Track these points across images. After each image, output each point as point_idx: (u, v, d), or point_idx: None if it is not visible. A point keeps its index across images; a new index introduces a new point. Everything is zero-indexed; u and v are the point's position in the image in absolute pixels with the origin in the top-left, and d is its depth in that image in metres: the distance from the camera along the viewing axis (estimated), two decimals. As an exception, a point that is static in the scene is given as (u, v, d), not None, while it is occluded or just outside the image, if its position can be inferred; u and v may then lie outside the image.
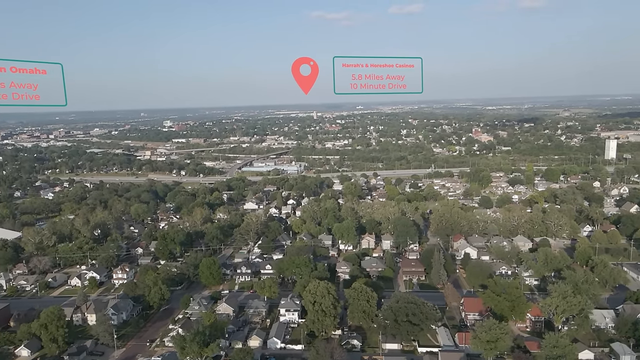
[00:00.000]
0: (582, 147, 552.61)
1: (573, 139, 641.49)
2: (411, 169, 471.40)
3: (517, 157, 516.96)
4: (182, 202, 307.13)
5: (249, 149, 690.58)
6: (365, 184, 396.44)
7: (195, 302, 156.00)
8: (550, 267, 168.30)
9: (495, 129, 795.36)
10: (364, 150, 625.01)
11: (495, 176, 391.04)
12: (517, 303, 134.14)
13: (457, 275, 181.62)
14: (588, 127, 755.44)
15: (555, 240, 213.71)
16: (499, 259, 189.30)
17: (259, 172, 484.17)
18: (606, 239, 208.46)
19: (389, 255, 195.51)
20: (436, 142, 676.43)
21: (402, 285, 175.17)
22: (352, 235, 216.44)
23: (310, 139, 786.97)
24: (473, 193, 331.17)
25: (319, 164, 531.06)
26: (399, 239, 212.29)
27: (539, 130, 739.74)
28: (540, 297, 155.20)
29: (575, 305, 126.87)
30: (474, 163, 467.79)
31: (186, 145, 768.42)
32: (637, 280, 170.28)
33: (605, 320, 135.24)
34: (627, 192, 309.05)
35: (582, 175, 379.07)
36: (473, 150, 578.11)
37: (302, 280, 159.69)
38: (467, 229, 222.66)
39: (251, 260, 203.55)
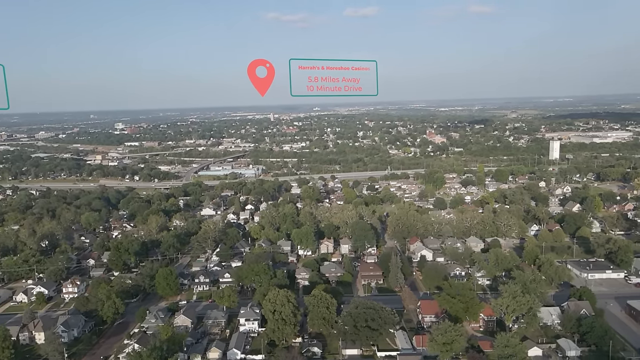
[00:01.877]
0: (529, 147, 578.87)
1: (520, 140, 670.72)
2: (368, 171, 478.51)
3: (468, 158, 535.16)
4: (136, 209, 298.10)
5: (206, 152, 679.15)
6: (323, 186, 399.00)
7: (151, 314, 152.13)
8: (501, 267, 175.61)
9: (448, 131, 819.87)
10: (322, 152, 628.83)
11: (448, 177, 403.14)
12: (471, 304, 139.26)
13: (414, 278, 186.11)
14: (534, 128, 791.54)
15: (505, 240, 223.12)
16: (453, 260, 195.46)
17: (216, 176, 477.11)
18: (551, 237, 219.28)
19: (348, 260, 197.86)
20: (392, 143, 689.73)
21: (360, 290, 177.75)
22: (310, 241, 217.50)
23: (268, 142, 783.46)
24: (428, 194, 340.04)
25: (277, 167, 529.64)
26: (357, 243, 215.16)
27: (489, 132, 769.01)
28: (492, 296, 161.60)
29: (524, 305, 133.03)
30: (428, 164, 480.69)
31: (139, 149, 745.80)
32: (580, 277, 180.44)
33: (551, 317, 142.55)
34: (570, 192, 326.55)
35: (529, 175, 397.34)
36: (427, 152, 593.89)
37: (262, 288, 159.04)
38: (422, 231, 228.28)
39: (209, 269, 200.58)
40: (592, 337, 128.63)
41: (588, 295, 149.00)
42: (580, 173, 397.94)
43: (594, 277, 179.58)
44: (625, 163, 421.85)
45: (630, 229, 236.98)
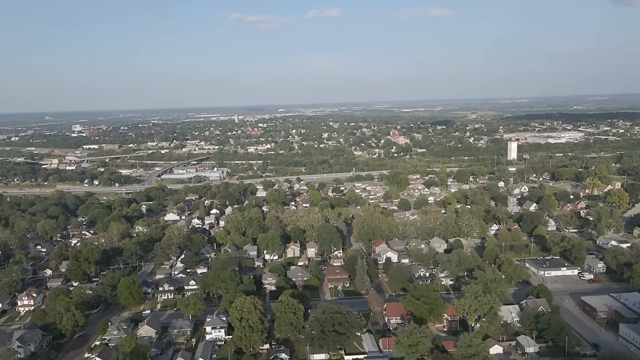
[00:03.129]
0: (488, 148, 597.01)
1: (480, 140, 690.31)
2: (333, 172, 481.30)
3: (431, 158, 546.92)
4: (96, 215, 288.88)
5: (169, 154, 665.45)
6: (288, 189, 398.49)
7: (113, 326, 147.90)
8: (463, 267, 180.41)
9: (411, 132, 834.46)
10: (287, 154, 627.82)
11: (412, 178, 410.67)
12: (435, 305, 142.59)
13: (379, 280, 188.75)
14: (492, 129, 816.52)
15: (467, 240, 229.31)
16: (417, 261, 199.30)
17: (180, 180, 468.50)
18: (510, 236, 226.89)
19: (314, 264, 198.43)
20: (356, 145, 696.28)
21: (327, 293, 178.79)
22: (277, 245, 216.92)
23: (232, 144, 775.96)
24: (392, 196, 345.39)
25: (242, 170, 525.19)
26: (323, 247, 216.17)
27: (450, 133, 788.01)
28: (455, 296, 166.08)
29: (486, 304, 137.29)
30: (393, 165, 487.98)
31: (99, 152, 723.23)
32: (538, 275, 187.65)
33: (511, 315, 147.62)
34: (527, 191, 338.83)
35: (489, 175, 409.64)
36: (391, 153, 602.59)
37: (228, 295, 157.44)
38: (387, 233, 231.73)
39: (174, 276, 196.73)
40: (549, 334, 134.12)
41: (545, 292, 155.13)
42: (537, 173, 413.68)
43: (550, 274, 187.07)
44: (578, 163, 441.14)
45: (583, 226, 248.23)
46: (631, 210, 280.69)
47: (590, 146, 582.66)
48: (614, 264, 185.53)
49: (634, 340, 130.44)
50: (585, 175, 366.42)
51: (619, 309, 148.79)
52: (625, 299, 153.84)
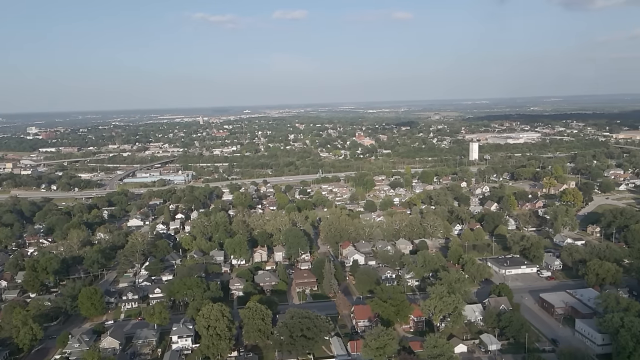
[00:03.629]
0: (451, 149, 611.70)
1: (443, 141, 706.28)
2: (300, 174, 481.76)
3: (396, 159, 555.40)
4: (54, 222, 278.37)
5: (131, 158, 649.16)
6: (255, 192, 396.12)
7: (74, 338, 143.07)
8: (429, 268, 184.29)
9: (376, 133, 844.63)
10: (253, 156, 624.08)
11: (378, 180, 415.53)
12: (402, 307, 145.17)
13: (347, 283, 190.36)
14: (455, 130, 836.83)
15: (432, 241, 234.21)
16: (384, 263, 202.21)
17: (143, 184, 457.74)
18: (473, 236, 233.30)
19: (282, 268, 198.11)
20: (322, 146, 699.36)
21: (295, 298, 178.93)
22: (244, 250, 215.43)
23: (197, 146, 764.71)
24: (358, 197, 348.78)
25: (208, 173, 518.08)
26: (290, 250, 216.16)
27: (415, 134, 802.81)
28: (421, 297, 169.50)
29: (450, 304, 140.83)
30: (358, 167, 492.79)
31: (57, 155, 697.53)
32: (499, 274, 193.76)
33: (475, 314, 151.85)
34: (488, 191, 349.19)
35: (452, 176, 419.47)
36: (357, 154, 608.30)
37: (195, 303, 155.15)
38: (354, 236, 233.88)
39: (138, 285, 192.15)
40: (511, 331, 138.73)
41: (506, 291, 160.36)
42: (497, 173, 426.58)
43: (511, 272, 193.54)
44: (535, 163, 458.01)
45: (541, 225, 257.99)
46: (585, 209, 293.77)
47: (547, 146, 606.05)
48: (569, 261, 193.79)
49: (589, 335, 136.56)
50: (542, 175, 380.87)
51: (575, 305, 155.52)
52: (581, 295, 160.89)
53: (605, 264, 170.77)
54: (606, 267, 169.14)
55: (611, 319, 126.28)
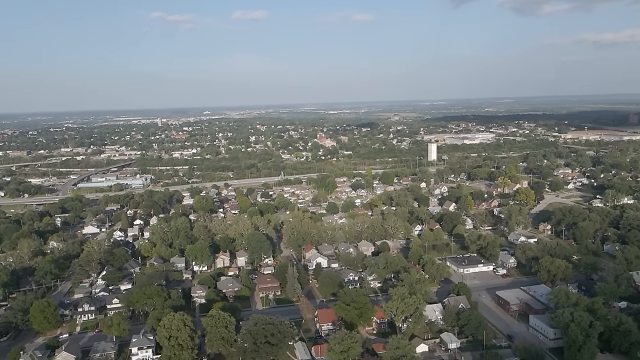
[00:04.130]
0: (410, 149, 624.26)
1: (403, 142, 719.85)
2: (262, 177, 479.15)
3: (357, 160, 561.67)
4: (2, 231, 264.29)
5: (85, 161, 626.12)
6: (216, 195, 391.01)
7: (26, 355, 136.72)
8: (390, 269, 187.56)
9: (337, 134, 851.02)
10: (214, 159, 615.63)
11: (339, 181, 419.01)
12: (364, 310, 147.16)
13: (310, 286, 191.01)
14: (414, 131, 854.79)
15: (393, 242, 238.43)
16: (347, 265, 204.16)
17: (99, 189, 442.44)
18: (433, 236, 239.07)
19: (245, 273, 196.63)
20: (284, 148, 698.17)
21: (259, 303, 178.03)
22: (206, 256, 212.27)
23: (156, 149, 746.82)
24: (321, 199, 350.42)
25: (167, 176, 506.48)
26: (253, 255, 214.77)
27: (375, 135, 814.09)
28: (383, 298, 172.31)
29: (412, 305, 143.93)
30: (320, 169, 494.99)
31: (4, 159, 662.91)
32: (458, 273, 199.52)
33: (435, 313, 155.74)
34: (447, 191, 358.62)
35: (412, 177, 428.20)
36: (319, 156, 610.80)
37: (156, 312, 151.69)
38: (317, 238, 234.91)
39: (95, 295, 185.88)
40: (469, 329, 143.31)
41: (464, 290, 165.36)
42: (454, 173, 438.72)
43: (469, 271, 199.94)
44: (490, 163, 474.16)
45: (496, 224, 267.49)
46: (537, 207, 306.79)
47: (501, 146, 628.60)
48: (523, 258, 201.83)
49: (542, 330, 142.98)
50: (497, 174, 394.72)
51: (528, 301, 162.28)
52: (534, 292, 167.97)
53: (556, 261, 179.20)
54: (557, 263, 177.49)
55: (562, 314, 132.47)
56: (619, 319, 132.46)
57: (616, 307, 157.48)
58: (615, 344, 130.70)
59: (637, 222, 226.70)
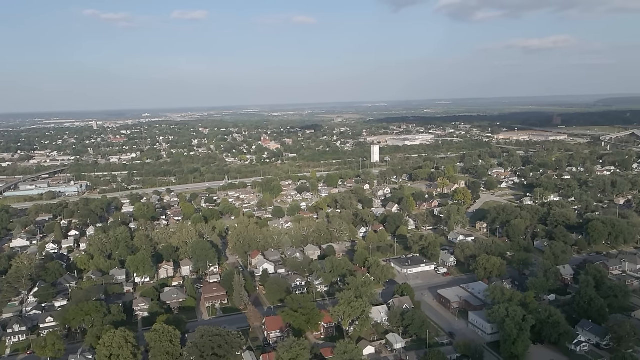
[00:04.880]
0: (354, 151, 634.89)
1: (346, 144, 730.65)
2: (205, 181, 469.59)
3: (302, 163, 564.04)
4: None
5: (12, 168, 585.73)
6: (158, 202, 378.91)
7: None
8: (337, 273, 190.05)
9: (281, 136, 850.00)
10: (155, 163, 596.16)
11: (284, 185, 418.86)
12: (312, 315, 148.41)
13: (257, 293, 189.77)
14: (357, 133, 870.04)
15: (338, 245, 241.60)
16: (293, 271, 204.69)
17: (29, 197, 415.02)
18: (377, 238, 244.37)
19: (190, 283, 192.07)
20: (228, 151, 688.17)
21: (205, 313, 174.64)
22: (148, 267, 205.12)
23: (92, 153, 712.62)
24: (266, 204, 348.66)
25: (104, 183, 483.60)
26: (198, 264, 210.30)
27: (319, 137, 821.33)
28: (330, 302, 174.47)
29: (358, 309, 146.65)
30: (265, 172, 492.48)
31: None
32: (402, 273, 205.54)
33: (380, 315, 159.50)
34: (390, 193, 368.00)
35: (356, 179, 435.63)
36: (263, 159, 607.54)
37: (94, 329, 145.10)
38: (263, 244, 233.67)
39: (26, 314, 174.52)
40: (413, 329, 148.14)
41: (408, 290, 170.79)
42: (397, 175, 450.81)
43: (412, 271, 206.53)
44: (430, 164, 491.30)
45: (437, 224, 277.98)
46: (473, 206, 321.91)
47: (440, 147, 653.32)
48: (462, 257, 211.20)
49: (480, 326, 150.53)
50: (437, 175, 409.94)
51: (468, 298, 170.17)
52: (472, 289, 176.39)
53: (492, 259, 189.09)
54: (492, 261, 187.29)
55: (498, 310, 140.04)
56: (548, 312, 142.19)
57: (546, 300, 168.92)
58: (546, 335, 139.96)
59: (562, 218, 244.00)
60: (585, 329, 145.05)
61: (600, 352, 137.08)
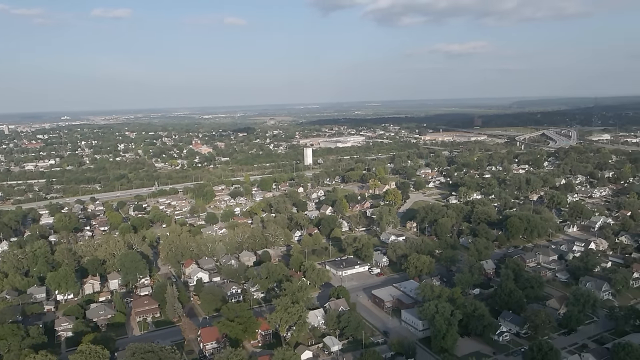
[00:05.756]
0: (287, 154, 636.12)
1: (280, 147, 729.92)
2: (134, 188, 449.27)
3: (235, 167, 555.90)
4: None
5: None
6: (82, 211, 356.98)
7: None
8: (272, 279, 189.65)
9: (213, 140, 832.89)
10: (77, 170, 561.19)
11: (217, 190, 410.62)
12: (249, 324, 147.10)
13: (192, 304, 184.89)
14: (290, 135, 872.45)
15: (274, 250, 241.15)
16: (229, 278, 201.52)
17: None
18: (312, 241, 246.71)
19: (118, 297, 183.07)
20: (157, 156, 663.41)
21: (136, 328, 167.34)
22: (71, 282, 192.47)
23: (3, 160, 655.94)
24: (199, 210, 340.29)
25: (19, 192, 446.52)
26: (127, 276, 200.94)
27: (252, 140, 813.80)
28: (267, 308, 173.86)
29: (295, 314, 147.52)
30: (197, 177, 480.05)
31: None
32: (337, 276, 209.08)
33: (317, 318, 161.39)
34: (323, 195, 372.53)
35: (290, 182, 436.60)
36: (195, 163, 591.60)
37: (11, 355, 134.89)
38: (197, 252, 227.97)
39: None
40: (349, 330, 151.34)
41: (343, 292, 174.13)
42: (330, 177, 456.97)
43: (347, 273, 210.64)
44: (362, 165, 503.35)
45: (369, 225, 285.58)
46: (404, 206, 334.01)
47: (370, 149, 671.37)
48: (394, 256, 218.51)
49: (412, 323, 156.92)
50: (368, 177, 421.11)
51: (400, 297, 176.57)
52: (404, 287, 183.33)
53: (422, 257, 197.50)
54: (422, 259, 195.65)
55: (428, 307, 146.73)
56: (474, 306, 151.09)
57: (471, 294, 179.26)
58: (472, 328, 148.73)
59: (484, 216, 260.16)
60: (506, 320, 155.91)
61: (520, 340, 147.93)
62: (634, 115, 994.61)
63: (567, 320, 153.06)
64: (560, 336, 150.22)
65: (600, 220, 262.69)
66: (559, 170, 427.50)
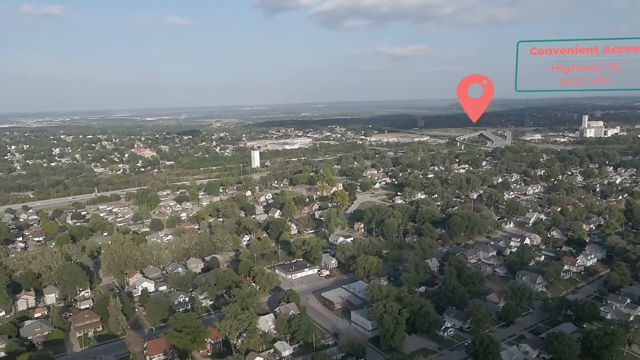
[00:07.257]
0: (234, 157, 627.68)
1: (226, 149, 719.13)
2: (71, 195, 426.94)
3: (180, 171, 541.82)
4: None
5: None
6: (13, 221, 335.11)
7: None
8: (221, 286, 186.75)
9: (157, 143, 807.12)
10: (6, 177, 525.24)
11: (162, 195, 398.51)
12: (197, 334, 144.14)
13: (137, 315, 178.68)
14: (237, 138, 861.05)
15: (222, 256, 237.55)
16: (176, 287, 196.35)
17: None
18: (261, 245, 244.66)
19: (56, 312, 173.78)
20: (97, 161, 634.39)
21: (76, 344, 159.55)
22: (2, 299, 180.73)
23: None
24: (143, 216, 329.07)
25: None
26: (66, 290, 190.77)
27: (197, 143, 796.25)
28: (216, 315, 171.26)
29: (245, 321, 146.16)
30: (140, 182, 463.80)
31: None
32: (287, 279, 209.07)
33: (268, 324, 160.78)
34: (271, 198, 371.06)
35: (237, 185, 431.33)
36: (137, 168, 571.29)
37: None
38: (141, 261, 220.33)
39: None
40: (300, 334, 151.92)
41: (293, 296, 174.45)
42: (278, 179, 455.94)
43: (297, 276, 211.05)
44: (309, 167, 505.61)
45: (318, 227, 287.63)
46: (351, 207, 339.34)
47: (318, 151, 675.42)
48: (343, 258, 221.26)
49: (362, 324, 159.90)
50: (316, 179, 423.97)
51: (349, 298, 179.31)
52: (353, 288, 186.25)
53: (370, 258, 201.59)
54: (370, 260, 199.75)
55: (376, 307, 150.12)
56: (420, 303, 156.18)
57: (417, 293, 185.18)
58: (419, 325, 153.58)
59: (428, 215, 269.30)
60: (450, 315, 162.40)
61: (464, 334, 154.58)
62: (562, 116, 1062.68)
63: (505, 313, 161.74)
64: (500, 328, 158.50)
65: (534, 216, 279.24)
66: (496, 169, 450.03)
